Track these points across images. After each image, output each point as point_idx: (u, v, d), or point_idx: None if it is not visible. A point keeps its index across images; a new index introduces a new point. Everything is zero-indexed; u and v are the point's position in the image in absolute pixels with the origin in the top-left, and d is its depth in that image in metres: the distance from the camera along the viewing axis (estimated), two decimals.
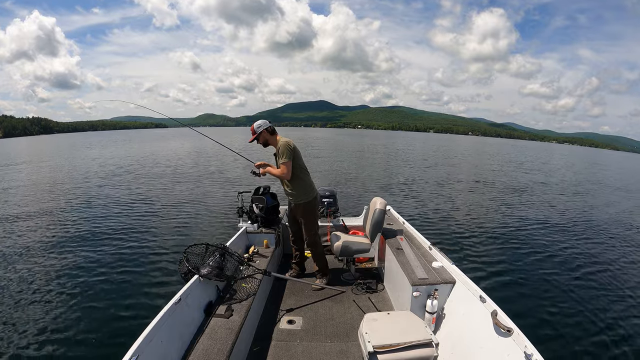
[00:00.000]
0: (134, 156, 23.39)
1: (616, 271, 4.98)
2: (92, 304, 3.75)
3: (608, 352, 3.15)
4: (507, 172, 18.83)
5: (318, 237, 3.11)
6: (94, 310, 3.63)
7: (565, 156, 44.78)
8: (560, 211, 9.07)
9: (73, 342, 3.09)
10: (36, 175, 14.79)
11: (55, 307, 3.67)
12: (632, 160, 62.00)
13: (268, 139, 2.86)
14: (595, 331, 3.44)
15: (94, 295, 3.96)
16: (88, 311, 3.61)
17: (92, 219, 7.36)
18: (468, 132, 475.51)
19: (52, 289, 4.08)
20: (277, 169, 2.87)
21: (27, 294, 3.98)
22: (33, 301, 3.81)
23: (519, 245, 5.97)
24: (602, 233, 7.11)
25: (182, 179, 12.68)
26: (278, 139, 2.86)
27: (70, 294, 3.98)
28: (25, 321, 3.40)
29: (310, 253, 3.18)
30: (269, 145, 2.91)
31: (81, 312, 3.60)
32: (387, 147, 39.12)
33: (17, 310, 3.61)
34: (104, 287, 4.16)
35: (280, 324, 2.54)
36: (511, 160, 28.64)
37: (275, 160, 2.92)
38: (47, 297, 3.89)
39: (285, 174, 2.81)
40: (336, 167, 17.30)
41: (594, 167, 27.93)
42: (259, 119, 2.87)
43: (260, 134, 2.82)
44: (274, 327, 2.51)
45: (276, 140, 2.86)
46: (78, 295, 3.96)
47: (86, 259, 5.05)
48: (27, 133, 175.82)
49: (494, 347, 1.65)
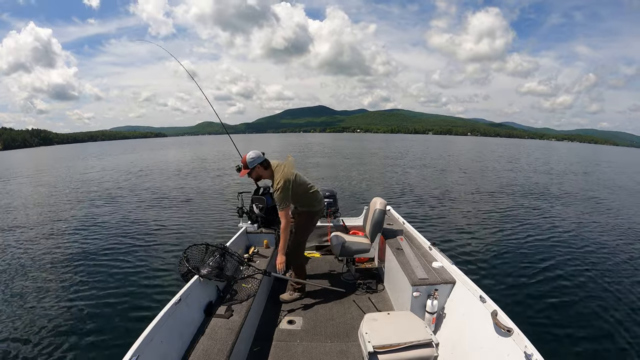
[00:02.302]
0: (136, 162, 23.39)
1: (617, 271, 4.98)
2: (92, 304, 3.75)
3: (608, 352, 3.15)
4: (507, 172, 18.83)
5: (300, 249, 2.89)
6: (94, 311, 3.63)
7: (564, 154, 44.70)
8: (561, 211, 9.07)
9: (73, 342, 3.09)
10: (41, 182, 14.80)
11: (55, 308, 3.67)
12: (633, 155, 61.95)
13: (262, 174, 2.65)
14: (596, 331, 3.43)
15: (94, 295, 3.96)
16: (88, 311, 3.61)
17: (92, 219, 7.37)
18: (467, 133, 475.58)
19: (52, 290, 4.08)
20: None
21: (26, 294, 3.98)
22: (33, 301, 3.81)
23: (519, 245, 5.96)
24: (603, 233, 7.10)
25: (182, 180, 12.69)
26: (271, 175, 2.63)
27: (70, 294, 3.99)
28: (26, 322, 3.40)
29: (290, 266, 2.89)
30: (262, 179, 2.70)
31: (81, 312, 3.60)
32: (388, 149, 39.12)
33: (17, 311, 3.61)
34: (104, 287, 4.16)
35: (281, 324, 2.54)
36: (510, 159, 28.63)
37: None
38: (47, 298, 3.89)
39: (284, 222, 2.56)
40: (336, 167, 17.31)
41: (595, 165, 27.92)
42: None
43: (253, 168, 2.60)
44: (274, 327, 2.51)
45: (269, 176, 2.65)
46: (78, 295, 3.96)
47: (86, 259, 5.05)
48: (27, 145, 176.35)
49: (494, 347, 1.65)
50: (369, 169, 18.06)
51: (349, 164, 20.07)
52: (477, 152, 39.51)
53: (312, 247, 3.87)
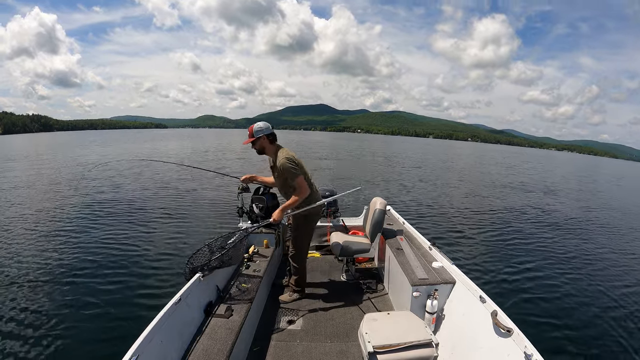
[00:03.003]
0: (135, 155, 23.37)
1: (617, 271, 4.98)
2: (92, 304, 3.74)
3: (608, 352, 3.15)
4: (507, 174, 18.82)
5: (303, 253, 2.81)
6: (94, 311, 3.62)
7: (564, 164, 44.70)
8: (561, 213, 9.07)
9: (73, 342, 3.09)
10: (37, 173, 14.79)
11: (55, 308, 3.67)
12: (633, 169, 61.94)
13: (266, 146, 2.53)
14: (596, 331, 3.44)
15: (94, 295, 3.95)
16: (88, 311, 3.61)
17: (92, 218, 7.36)
18: (468, 138, 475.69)
19: (51, 289, 4.07)
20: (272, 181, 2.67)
21: (26, 294, 3.97)
22: (33, 301, 3.80)
23: (519, 246, 5.97)
24: (603, 233, 7.11)
25: (182, 180, 12.69)
26: (277, 150, 2.56)
27: (70, 294, 3.97)
28: (25, 321, 3.39)
29: (291, 267, 2.87)
30: (264, 154, 2.60)
31: (81, 312, 3.59)
32: (387, 150, 39.09)
33: (17, 310, 3.61)
34: (104, 287, 4.15)
35: (280, 324, 2.54)
36: (512, 166, 28.61)
37: (272, 172, 2.67)
38: (47, 298, 3.88)
39: (304, 191, 2.45)
40: (336, 168, 17.30)
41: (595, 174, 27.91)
42: (258, 121, 2.55)
43: (258, 138, 2.50)
44: (273, 327, 2.51)
45: (274, 151, 2.55)
46: (78, 295, 3.95)
47: (86, 259, 5.04)
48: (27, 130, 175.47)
49: (494, 347, 1.65)
50: (369, 169, 18.06)
51: (349, 164, 20.07)
52: (477, 157, 39.52)
53: (312, 247, 3.86)
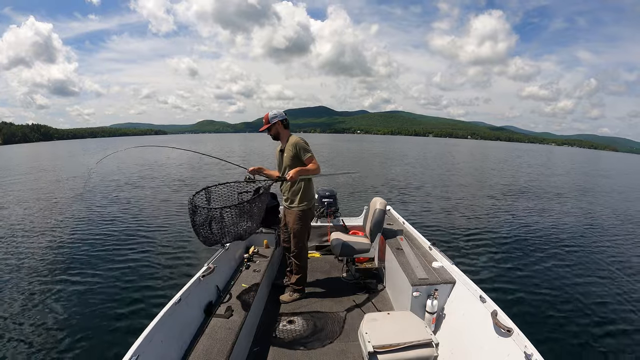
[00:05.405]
0: (135, 159, 23.39)
1: (618, 271, 4.97)
2: (92, 304, 3.74)
3: (608, 352, 3.15)
4: (507, 173, 18.83)
5: (305, 251, 2.86)
6: (94, 310, 3.62)
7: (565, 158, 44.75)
8: (561, 211, 9.07)
9: (73, 342, 3.09)
10: (38, 179, 14.80)
11: (55, 308, 3.67)
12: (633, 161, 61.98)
13: (280, 131, 2.68)
14: (596, 331, 3.43)
15: (94, 295, 3.96)
16: (88, 311, 3.61)
17: (92, 219, 7.36)
18: (467, 136, 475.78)
19: (51, 289, 4.07)
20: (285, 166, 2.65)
21: (26, 294, 3.97)
22: (32, 301, 3.80)
23: (519, 245, 5.96)
24: (604, 233, 7.10)
25: (181, 180, 12.69)
26: (289, 136, 2.70)
27: (69, 294, 3.98)
28: (25, 321, 3.40)
29: (293, 265, 2.88)
30: (278, 139, 2.74)
31: (81, 312, 3.59)
32: (387, 151, 39.10)
33: (17, 310, 3.61)
34: (104, 287, 4.15)
35: (280, 324, 2.54)
36: (510, 162, 28.64)
37: (280, 157, 2.75)
38: (47, 298, 3.88)
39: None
40: (336, 167, 17.30)
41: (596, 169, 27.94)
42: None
43: (274, 124, 2.65)
44: (273, 327, 2.51)
45: (287, 136, 2.70)
46: (78, 295, 3.95)
47: (86, 258, 5.05)
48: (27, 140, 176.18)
49: (494, 347, 1.65)
50: (369, 168, 18.06)
51: (349, 163, 20.08)
52: (478, 155, 39.51)
53: (312, 247, 3.87)
